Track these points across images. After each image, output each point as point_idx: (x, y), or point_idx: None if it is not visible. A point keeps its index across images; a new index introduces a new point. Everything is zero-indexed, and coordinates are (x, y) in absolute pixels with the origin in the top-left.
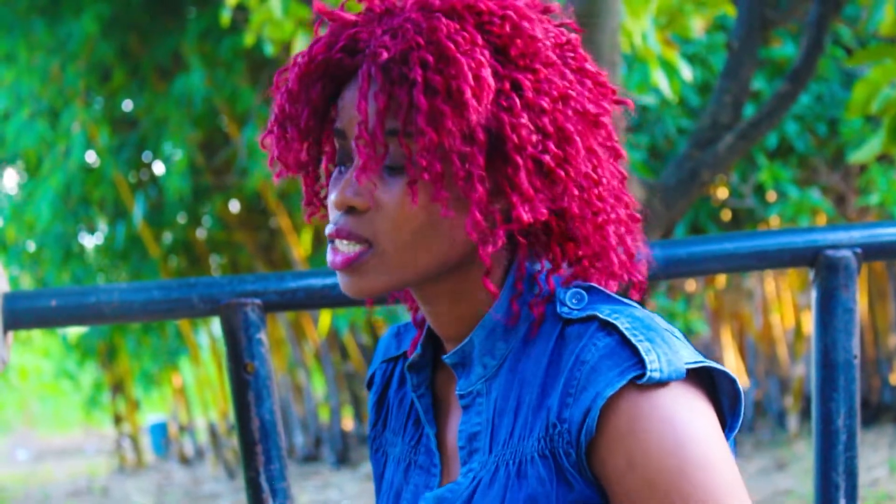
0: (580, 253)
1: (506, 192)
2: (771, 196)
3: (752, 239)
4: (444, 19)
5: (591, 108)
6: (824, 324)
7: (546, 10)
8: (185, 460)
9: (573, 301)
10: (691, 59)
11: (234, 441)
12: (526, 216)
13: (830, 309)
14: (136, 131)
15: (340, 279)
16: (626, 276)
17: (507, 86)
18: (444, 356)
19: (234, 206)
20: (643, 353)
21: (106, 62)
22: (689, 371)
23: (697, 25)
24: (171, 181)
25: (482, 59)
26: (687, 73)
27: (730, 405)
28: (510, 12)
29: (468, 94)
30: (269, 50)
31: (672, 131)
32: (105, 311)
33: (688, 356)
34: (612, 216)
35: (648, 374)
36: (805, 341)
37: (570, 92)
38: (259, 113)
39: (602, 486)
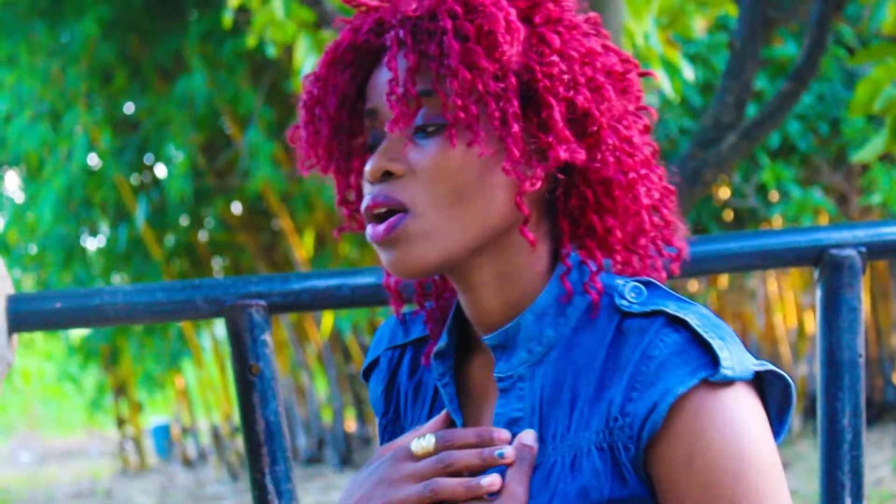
0: (611, 222)
1: (541, 137)
2: (773, 196)
3: (757, 238)
4: None
5: (617, 68)
6: (829, 323)
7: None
8: (188, 462)
9: (632, 295)
10: (693, 58)
11: (237, 443)
12: (563, 154)
13: (835, 308)
14: (138, 133)
15: (385, 257)
16: (659, 244)
17: (535, 40)
18: (486, 337)
19: (237, 207)
20: (717, 350)
21: (107, 64)
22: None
23: (699, 25)
24: (172, 183)
25: (509, 8)
26: (689, 72)
27: (777, 412)
28: None
29: (500, 33)
30: (272, 52)
31: (674, 131)
32: (109, 313)
33: (752, 360)
34: (643, 174)
35: (722, 371)
36: (808, 341)
37: (597, 49)
38: (260, 115)
39: (653, 484)
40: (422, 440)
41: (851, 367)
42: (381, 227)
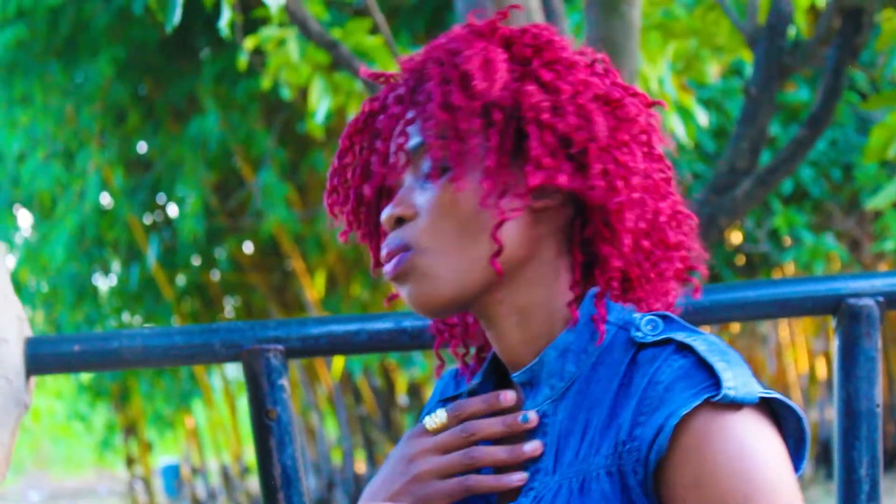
0: (607, 250)
1: (525, 167)
2: (786, 241)
3: (774, 287)
4: (462, 32)
5: (616, 95)
6: (847, 373)
7: (581, 53)
8: (197, 502)
9: (648, 328)
10: (706, 103)
11: (247, 483)
12: (535, 180)
13: (853, 357)
14: (151, 173)
15: (403, 294)
16: (664, 271)
17: (527, 78)
18: (514, 374)
19: (248, 248)
20: (719, 372)
21: (121, 104)
22: (758, 404)
23: (713, 70)
24: (185, 223)
25: (496, 49)
26: (702, 118)
27: (794, 447)
28: (535, 31)
29: (474, 71)
30: (286, 94)
31: (687, 176)
32: (127, 357)
33: (759, 387)
34: (636, 198)
35: (724, 391)
36: (819, 386)
37: (592, 80)
38: (274, 156)
39: None
40: (433, 415)
41: (869, 417)
42: (389, 268)
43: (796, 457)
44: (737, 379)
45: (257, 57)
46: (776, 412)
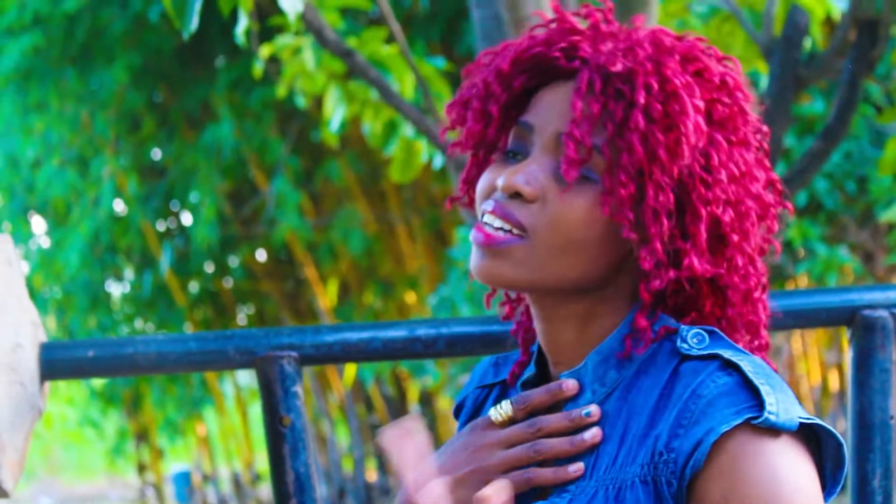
0: (708, 310)
1: (680, 240)
2: (799, 253)
3: (789, 298)
4: (674, 58)
5: (766, 198)
6: (860, 384)
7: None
8: None
9: (694, 340)
10: None
11: (258, 491)
12: (698, 267)
13: (867, 369)
14: (165, 180)
15: (476, 260)
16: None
17: (706, 141)
18: (562, 374)
19: (261, 255)
20: (763, 395)
21: (135, 111)
22: (798, 428)
23: None
24: (198, 230)
25: (700, 106)
26: None
27: (832, 471)
28: (729, 78)
29: (686, 135)
30: (301, 102)
31: None
32: (141, 363)
33: (801, 412)
34: (761, 284)
35: (765, 415)
36: (831, 398)
37: (755, 173)
38: (287, 164)
39: None
40: (499, 408)
41: (883, 429)
42: (483, 236)
43: (832, 481)
44: (779, 404)
45: (272, 65)
46: (817, 435)
